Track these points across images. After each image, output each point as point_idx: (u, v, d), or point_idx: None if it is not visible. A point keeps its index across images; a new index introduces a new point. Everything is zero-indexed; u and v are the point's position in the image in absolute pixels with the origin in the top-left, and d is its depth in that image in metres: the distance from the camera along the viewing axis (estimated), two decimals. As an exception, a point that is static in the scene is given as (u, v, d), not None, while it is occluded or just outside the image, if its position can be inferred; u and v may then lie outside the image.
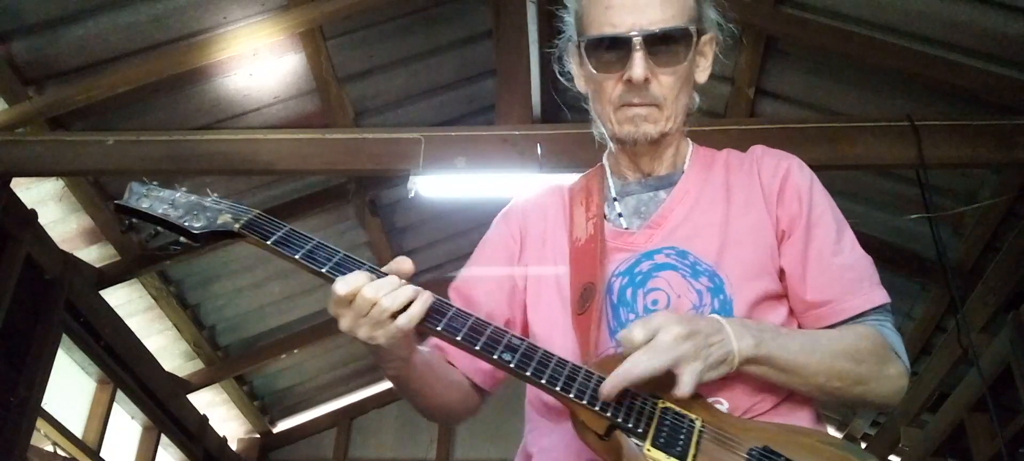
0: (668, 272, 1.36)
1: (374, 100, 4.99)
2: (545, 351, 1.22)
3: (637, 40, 1.36)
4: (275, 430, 7.35)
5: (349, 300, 1.18)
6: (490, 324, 1.23)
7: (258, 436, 7.21)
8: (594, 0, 1.41)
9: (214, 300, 5.68)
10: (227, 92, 4.42)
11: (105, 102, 4.11)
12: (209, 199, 1.32)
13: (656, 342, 1.16)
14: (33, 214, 4.12)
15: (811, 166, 1.52)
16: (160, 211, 1.32)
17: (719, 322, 1.21)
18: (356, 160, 4.17)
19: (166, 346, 5.70)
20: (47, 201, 4.39)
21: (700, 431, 1.19)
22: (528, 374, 1.19)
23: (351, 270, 1.23)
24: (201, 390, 6.12)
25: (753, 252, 1.37)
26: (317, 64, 4.42)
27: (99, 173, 4.34)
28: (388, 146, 4.09)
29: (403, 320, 1.19)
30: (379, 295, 1.18)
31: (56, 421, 4.45)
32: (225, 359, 6.12)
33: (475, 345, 1.20)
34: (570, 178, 1.63)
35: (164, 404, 5.54)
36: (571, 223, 1.50)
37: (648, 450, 1.16)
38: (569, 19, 1.51)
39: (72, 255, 4.49)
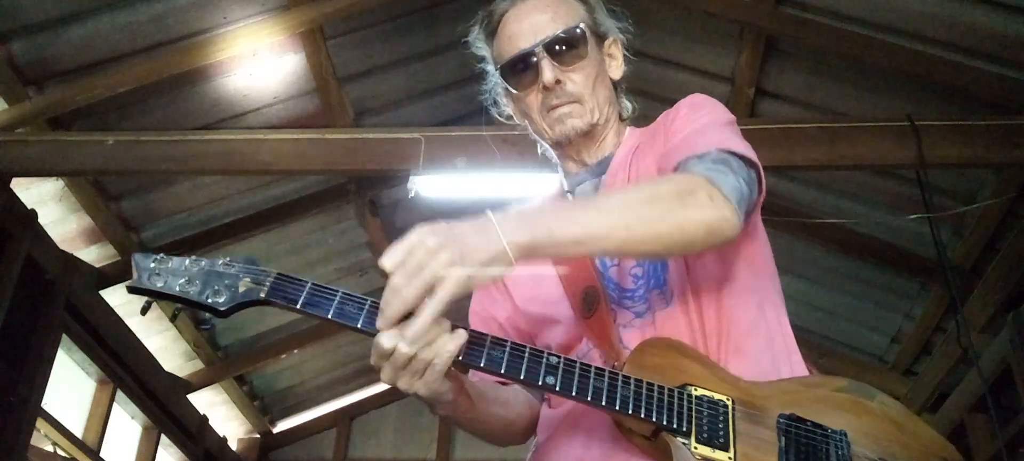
0: None
1: (374, 100, 4.99)
2: (581, 364, 1.22)
3: (539, 49, 1.52)
4: (275, 430, 7.35)
5: (389, 354, 1.15)
6: (525, 347, 1.22)
7: (258, 436, 7.21)
8: (500, 37, 1.60)
9: (214, 300, 5.67)
10: (227, 92, 4.42)
11: (105, 102, 4.11)
12: (221, 263, 1.27)
13: (408, 264, 1.11)
14: (33, 214, 4.12)
15: (811, 166, 1.53)
16: (177, 289, 1.25)
17: (485, 220, 1.17)
18: (356, 160, 4.18)
19: (166, 346, 5.70)
20: (47, 201, 4.39)
21: (732, 412, 1.25)
22: (573, 394, 1.21)
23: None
24: (201, 390, 6.12)
25: None
26: (317, 64, 4.42)
27: (99, 173, 4.34)
28: (388, 146, 4.10)
29: (439, 365, 1.17)
30: (414, 349, 1.15)
31: (56, 421, 4.44)
32: (225, 359, 6.12)
33: (519, 375, 1.20)
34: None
35: (164, 404, 5.54)
36: None
37: (695, 447, 1.21)
38: (490, 67, 1.67)
39: (72, 255, 4.49)
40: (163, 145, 4.10)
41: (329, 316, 1.20)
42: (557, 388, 1.20)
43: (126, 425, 5.46)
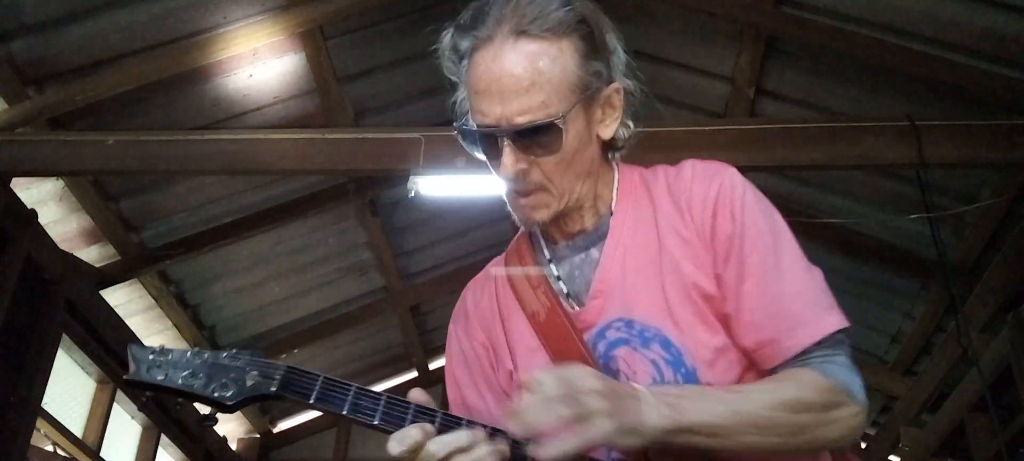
0: (621, 348, 1.29)
1: (374, 100, 4.99)
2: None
3: (502, 138, 1.26)
4: (275, 430, 7.35)
5: (410, 457, 1.11)
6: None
7: (258, 436, 7.21)
8: (468, 81, 1.32)
9: (214, 300, 5.68)
10: (227, 92, 4.42)
11: (105, 102, 4.11)
12: (225, 356, 1.22)
13: (572, 388, 1.08)
14: (33, 214, 4.12)
15: (811, 166, 1.48)
16: (180, 382, 1.19)
17: (637, 391, 1.13)
18: (356, 160, 4.17)
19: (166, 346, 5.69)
20: (47, 201, 4.39)
21: None
22: None
23: (400, 416, 1.18)
24: (201, 390, 6.12)
25: (697, 306, 1.28)
26: (317, 64, 4.42)
27: (99, 173, 4.34)
28: (388, 146, 4.09)
29: None
30: (447, 451, 1.11)
31: (56, 421, 4.44)
32: (225, 359, 6.11)
33: None
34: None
35: (164, 404, 5.54)
36: (520, 301, 1.40)
37: None
38: (460, 88, 1.41)
39: (72, 255, 4.49)
40: (163, 145, 4.09)
41: (343, 412, 1.16)
42: None
43: (126, 425, 5.46)
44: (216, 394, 1.18)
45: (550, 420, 1.06)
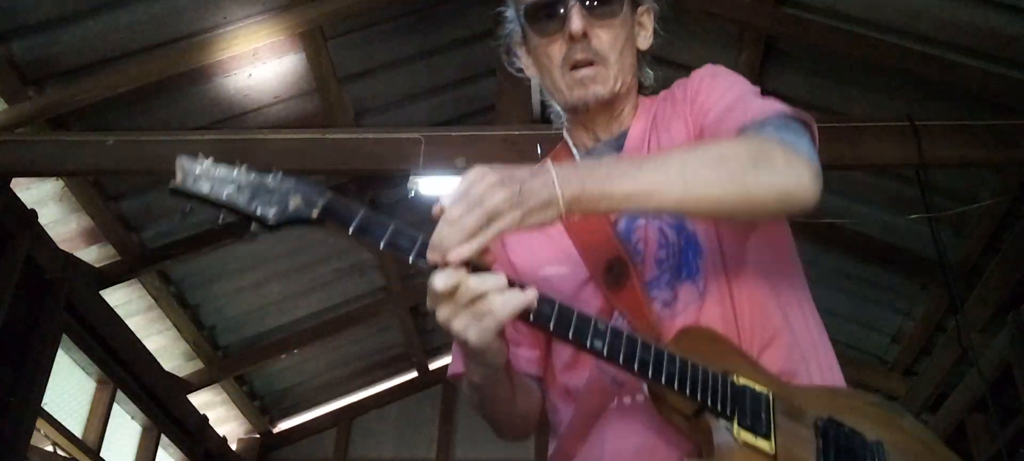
0: (638, 222, 1.40)
1: (374, 100, 4.99)
2: (628, 333, 1.19)
3: (571, 2, 1.41)
4: (275, 430, 7.34)
5: (450, 293, 1.12)
6: (573, 308, 1.18)
7: (258, 436, 7.21)
8: None
9: (214, 300, 5.68)
10: (227, 92, 4.42)
11: (105, 102, 4.11)
12: (271, 177, 1.21)
13: (469, 195, 1.10)
14: (33, 214, 4.12)
15: None
16: (224, 196, 1.19)
17: (542, 167, 1.16)
18: (356, 160, 4.17)
19: (166, 346, 5.70)
20: (47, 201, 4.39)
21: (773, 405, 1.22)
22: (620, 362, 1.17)
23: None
24: (201, 390, 6.12)
25: None
26: (317, 64, 4.42)
27: (99, 173, 4.34)
28: (388, 146, 4.09)
29: (501, 312, 1.13)
30: (486, 287, 1.12)
31: (56, 421, 4.44)
32: (225, 359, 6.12)
33: (567, 334, 1.16)
34: None
35: (164, 404, 5.54)
36: None
37: (738, 432, 1.18)
38: (510, 12, 1.56)
39: (72, 255, 4.49)
40: (163, 145, 4.09)
41: (380, 246, 1.16)
42: (604, 353, 1.16)
43: (126, 425, 5.46)
44: (259, 211, 1.18)
45: (465, 232, 1.09)
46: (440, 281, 1.11)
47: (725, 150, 1.23)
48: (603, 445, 1.32)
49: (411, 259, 1.16)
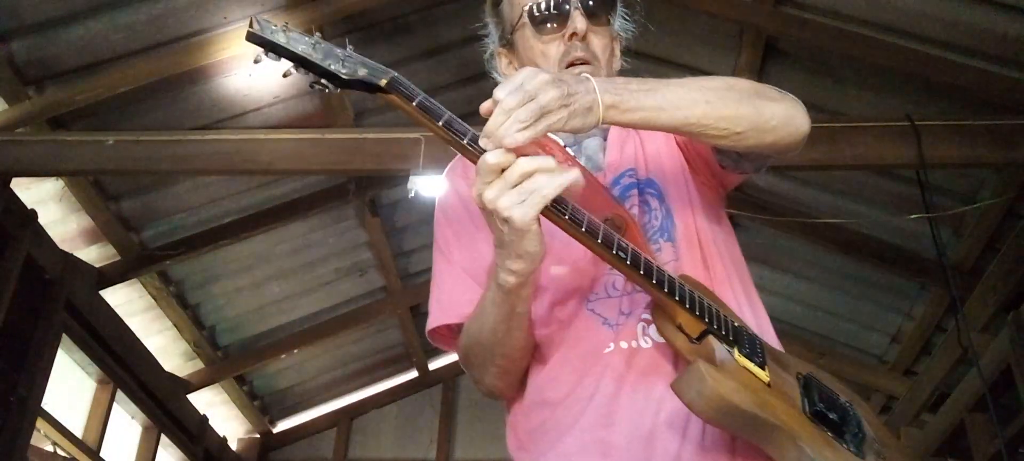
0: (632, 191, 1.52)
1: (374, 100, 4.97)
2: (646, 257, 1.28)
3: (575, 2, 1.55)
4: (275, 430, 7.35)
5: (500, 169, 1.18)
6: (600, 222, 1.26)
7: (258, 436, 7.21)
8: None
9: (214, 300, 5.68)
10: (227, 92, 4.42)
11: (105, 102, 4.11)
12: (339, 49, 1.29)
13: (525, 88, 1.17)
14: (33, 214, 4.12)
15: (811, 166, 1.56)
16: (300, 49, 1.28)
17: (585, 77, 1.26)
18: (356, 160, 4.17)
19: (166, 346, 5.70)
20: (47, 201, 4.39)
21: (764, 349, 1.36)
22: (640, 271, 1.26)
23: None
24: (201, 390, 6.12)
25: (668, 156, 1.56)
26: (317, 64, 4.41)
27: (99, 173, 4.34)
28: (388, 146, 4.09)
29: (548, 190, 1.18)
30: (536, 166, 1.18)
31: (56, 421, 4.44)
32: (225, 359, 6.12)
33: (597, 237, 1.24)
34: None
35: (164, 404, 5.54)
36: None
37: (738, 357, 1.30)
38: (492, 21, 1.70)
39: (72, 255, 4.49)
40: (163, 145, 4.09)
41: (440, 123, 1.22)
42: (627, 261, 1.25)
43: (126, 425, 5.46)
44: (332, 67, 1.26)
45: (517, 125, 1.16)
46: (493, 156, 1.17)
47: (732, 82, 1.39)
48: (618, 402, 1.36)
49: (466, 141, 1.21)
